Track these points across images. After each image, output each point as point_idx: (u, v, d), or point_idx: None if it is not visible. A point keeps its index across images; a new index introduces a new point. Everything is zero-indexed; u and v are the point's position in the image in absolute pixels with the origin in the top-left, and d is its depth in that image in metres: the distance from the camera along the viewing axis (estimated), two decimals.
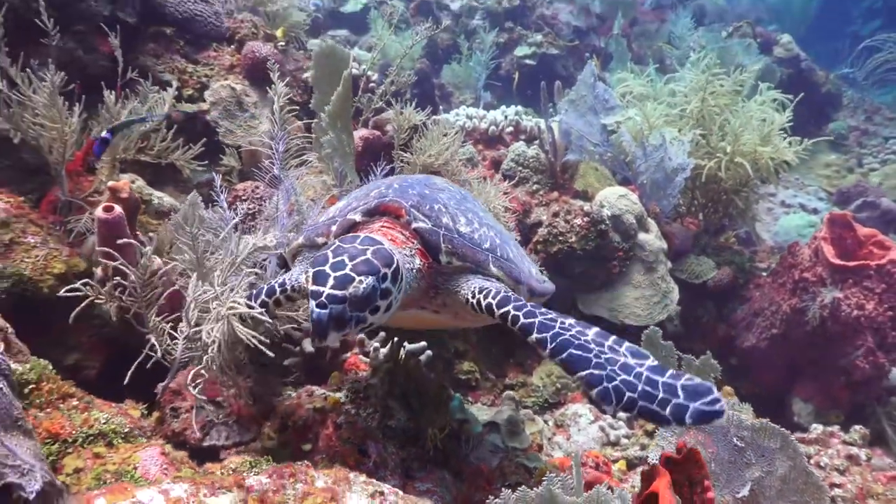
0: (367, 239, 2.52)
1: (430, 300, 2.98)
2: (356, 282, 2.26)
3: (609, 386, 2.17)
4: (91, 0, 5.00)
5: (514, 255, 3.19)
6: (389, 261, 2.43)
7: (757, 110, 7.14)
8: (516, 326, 2.52)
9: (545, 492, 1.86)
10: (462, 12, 13.72)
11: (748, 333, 6.95)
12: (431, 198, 3.03)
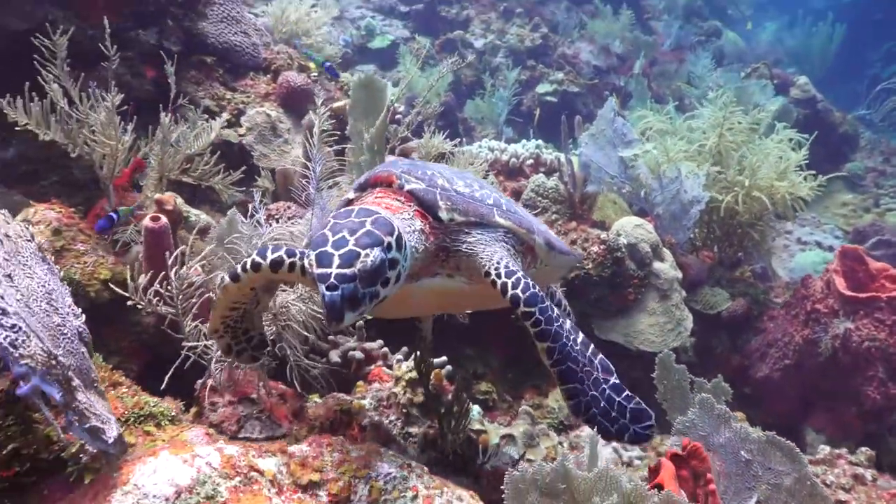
0: (362, 210, 2.40)
1: (441, 264, 2.87)
2: (363, 256, 2.14)
3: (582, 400, 2.47)
4: (140, 29, 5.34)
5: (524, 213, 3.18)
6: (391, 228, 2.33)
7: (774, 148, 7.35)
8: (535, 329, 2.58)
9: (559, 467, 2.04)
10: (486, 50, 14.12)
11: (761, 364, 7.06)
12: (423, 167, 2.99)
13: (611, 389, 2.55)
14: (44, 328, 2.03)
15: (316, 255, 2.17)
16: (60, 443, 2.64)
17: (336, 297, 2.07)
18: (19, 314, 1.96)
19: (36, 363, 1.96)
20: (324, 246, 2.19)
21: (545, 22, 15.50)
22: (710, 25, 17.53)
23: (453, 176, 2.99)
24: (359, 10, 15.01)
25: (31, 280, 2.07)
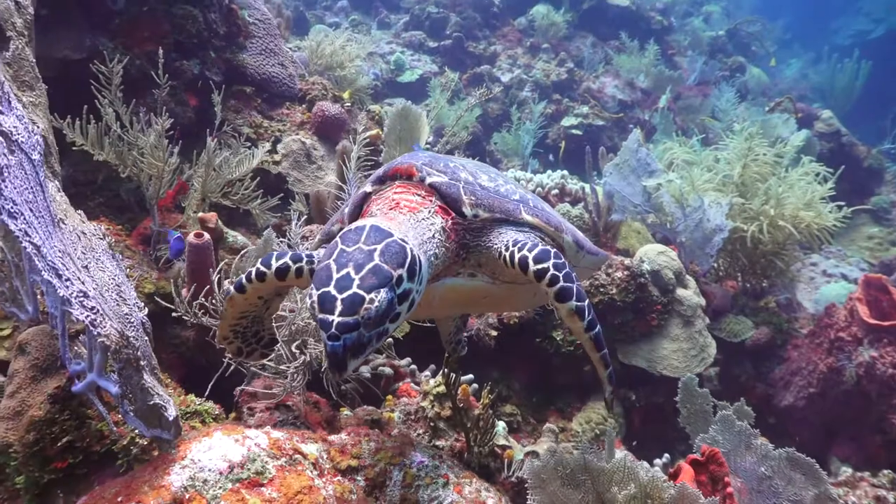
0: (373, 232, 2.15)
1: (462, 263, 2.71)
2: (367, 301, 1.95)
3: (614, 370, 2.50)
4: (184, 60, 5.62)
5: (551, 211, 2.97)
6: (402, 258, 2.10)
7: (798, 180, 7.46)
8: (553, 288, 2.36)
9: (580, 458, 2.17)
10: (512, 84, 14.41)
11: (786, 392, 7.09)
12: (445, 159, 2.81)
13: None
14: (115, 315, 2.23)
15: (319, 295, 1.96)
16: (112, 436, 2.82)
17: (338, 347, 1.91)
18: (97, 299, 2.15)
19: (111, 342, 2.16)
20: (327, 285, 1.98)
21: (571, 57, 15.79)
22: (735, 61, 17.71)
23: (477, 170, 2.84)
24: (389, 46, 15.40)
25: (104, 273, 2.27)
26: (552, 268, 2.38)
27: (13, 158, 2.21)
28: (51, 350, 2.88)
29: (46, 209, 2.20)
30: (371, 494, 1.99)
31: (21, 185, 2.16)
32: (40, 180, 2.23)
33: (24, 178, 2.19)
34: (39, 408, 2.76)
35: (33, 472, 2.75)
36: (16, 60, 2.49)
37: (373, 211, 2.60)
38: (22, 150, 2.26)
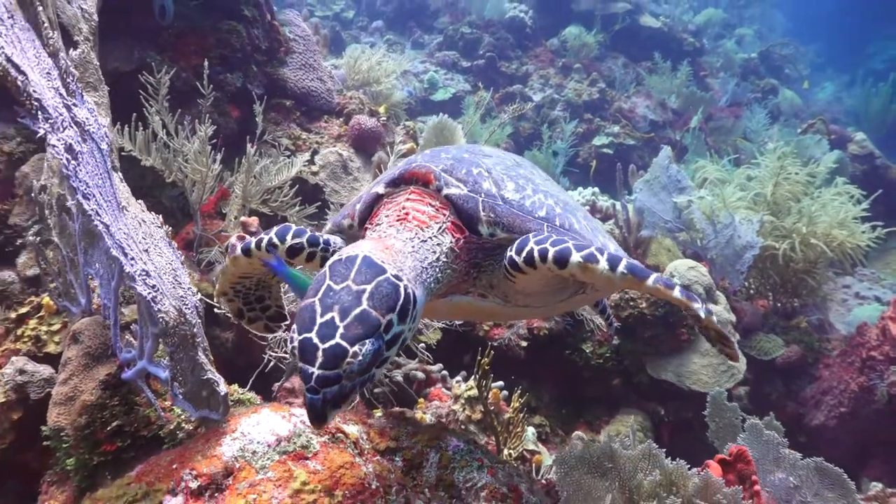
0: (363, 267, 1.97)
1: (472, 282, 2.50)
2: (350, 355, 1.80)
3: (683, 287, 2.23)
4: (227, 73, 5.82)
5: (580, 226, 2.65)
6: (393, 300, 1.93)
7: (831, 199, 7.47)
8: (547, 260, 2.17)
9: (606, 447, 2.25)
10: (544, 103, 14.55)
11: (817, 412, 7.05)
12: (470, 161, 2.56)
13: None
14: (172, 295, 2.37)
15: (300, 341, 1.82)
16: (159, 422, 2.95)
17: (317, 400, 1.78)
18: (157, 279, 2.29)
19: (170, 318, 2.29)
20: (309, 329, 1.83)
21: (602, 77, 15.90)
22: (767, 83, 17.70)
23: (504, 175, 2.57)
24: (423, 65, 15.64)
25: (161, 258, 2.41)
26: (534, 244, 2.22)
27: (85, 146, 2.36)
28: (102, 339, 3.03)
29: (113, 195, 2.35)
30: (408, 474, 2.09)
31: (92, 171, 2.32)
32: (108, 168, 2.39)
33: (94, 164, 2.34)
34: (91, 393, 2.90)
35: (83, 454, 2.88)
36: (82, 63, 2.66)
37: (380, 218, 2.42)
38: (93, 139, 2.42)
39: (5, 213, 5.17)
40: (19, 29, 2.40)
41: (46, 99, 2.31)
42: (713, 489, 2.13)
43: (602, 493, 2.20)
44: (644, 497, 2.09)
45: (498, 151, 2.96)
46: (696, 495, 2.10)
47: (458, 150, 2.73)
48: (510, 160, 2.84)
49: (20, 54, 2.27)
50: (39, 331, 4.04)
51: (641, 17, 17.42)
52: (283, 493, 1.87)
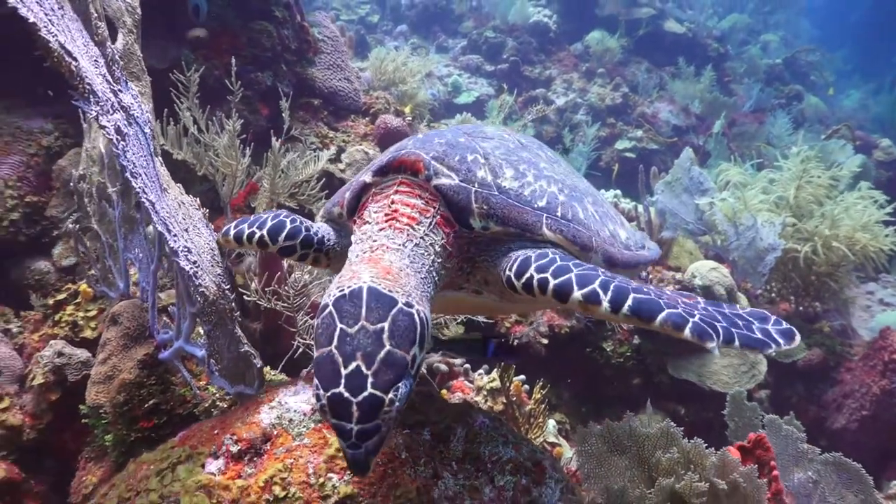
0: (372, 302, 1.82)
1: (466, 278, 2.37)
2: (387, 403, 1.68)
3: (697, 321, 1.83)
4: (258, 72, 5.96)
5: (586, 214, 2.50)
6: (413, 332, 1.80)
7: (854, 203, 7.46)
8: (547, 292, 2.00)
9: (625, 425, 2.32)
10: (567, 107, 14.61)
11: (838, 415, 7.04)
12: (465, 146, 2.38)
13: (709, 304, 2.02)
14: (211, 273, 2.48)
15: (328, 398, 1.68)
16: (195, 400, 3.06)
17: (360, 455, 1.67)
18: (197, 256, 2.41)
19: (210, 293, 2.41)
20: (335, 384, 1.69)
21: (626, 82, 15.93)
22: (791, 89, 17.61)
23: (504, 161, 2.41)
24: (447, 69, 15.76)
25: (200, 238, 2.53)
26: (535, 272, 2.07)
27: (131, 129, 2.49)
28: (140, 321, 3.16)
29: (156, 176, 2.47)
30: (436, 448, 2.17)
31: (137, 152, 2.44)
32: (151, 151, 2.52)
33: (139, 146, 2.47)
34: (129, 372, 3.03)
35: (121, 430, 3.01)
36: (126, 54, 2.79)
37: (369, 215, 2.25)
38: (137, 123, 2.54)
39: (42, 205, 5.34)
40: (69, 19, 2.52)
41: (96, 84, 2.43)
42: (730, 467, 2.20)
43: (622, 470, 2.27)
44: (662, 473, 2.16)
45: (502, 132, 2.76)
46: (713, 473, 2.17)
47: (456, 132, 2.55)
48: (513, 142, 2.66)
49: (71, 42, 2.39)
50: (76, 316, 4.19)
51: (665, 23, 17.42)
52: (318, 458, 1.96)
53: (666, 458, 2.18)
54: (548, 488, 2.20)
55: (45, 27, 2.33)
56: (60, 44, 2.29)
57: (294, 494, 1.88)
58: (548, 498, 2.18)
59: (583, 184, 2.81)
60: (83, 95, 2.34)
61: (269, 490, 1.88)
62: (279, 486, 1.88)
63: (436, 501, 2.03)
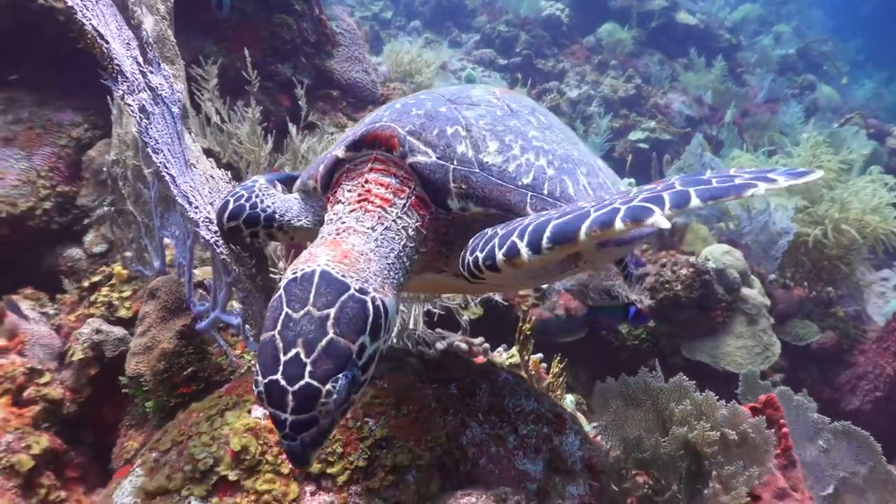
0: (323, 285, 1.73)
1: (444, 261, 2.23)
2: (324, 395, 1.61)
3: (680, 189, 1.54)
4: (278, 64, 6.13)
5: (577, 189, 2.26)
6: (362, 320, 1.71)
7: (864, 186, 7.55)
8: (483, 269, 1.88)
9: (640, 380, 2.46)
10: (580, 99, 14.72)
11: (852, 397, 7.13)
12: (446, 117, 2.19)
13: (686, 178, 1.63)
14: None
15: (265, 385, 1.62)
16: (230, 367, 3.23)
17: (296, 447, 1.63)
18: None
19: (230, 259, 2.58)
20: (273, 371, 1.63)
21: (639, 73, 16.02)
22: (805, 79, 17.65)
23: (489, 132, 2.20)
24: (460, 62, 15.91)
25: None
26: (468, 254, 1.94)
27: (157, 109, 2.65)
28: (177, 295, 3.33)
29: (181, 153, 2.63)
30: (463, 400, 2.31)
31: (162, 130, 2.60)
32: (178, 129, 2.67)
33: (164, 125, 2.63)
34: (169, 342, 3.20)
35: (162, 396, 3.18)
36: (160, 39, 2.95)
37: (342, 194, 2.14)
38: (164, 103, 2.70)
39: (73, 194, 5.52)
40: (103, 5, 2.69)
41: (125, 65, 2.60)
42: (740, 419, 2.33)
43: (637, 421, 2.41)
44: (675, 423, 2.29)
45: (490, 95, 2.49)
46: (723, 423, 2.31)
47: (438, 99, 2.32)
48: (502, 108, 2.40)
49: (104, 26, 2.56)
50: (111, 297, 4.36)
51: (678, 14, 17.49)
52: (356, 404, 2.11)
53: (679, 410, 2.32)
54: (568, 437, 2.34)
55: (80, 11, 2.50)
56: (94, 27, 2.45)
57: (334, 436, 2.03)
58: (568, 446, 2.32)
59: (577, 150, 2.53)
60: (112, 76, 2.51)
61: None
62: None
63: (464, 447, 2.17)
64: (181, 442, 2.09)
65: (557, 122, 2.71)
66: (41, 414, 3.73)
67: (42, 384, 3.84)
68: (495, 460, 2.19)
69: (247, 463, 1.97)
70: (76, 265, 5.29)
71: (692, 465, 2.31)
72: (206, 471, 1.97)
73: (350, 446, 2.02)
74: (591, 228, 1.58)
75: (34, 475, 3.47)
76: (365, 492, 1.95)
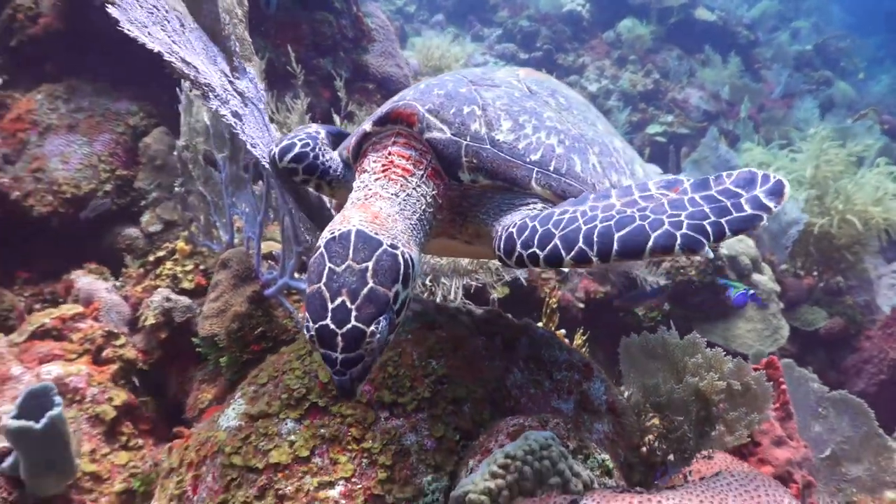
0: (359, 243, 1.97)
1: (458, 229, 2.49)
2: (369, 334, 1.86)
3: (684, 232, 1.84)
4: (320, 58, 6.56)
5: (585, 167, 2.47)
6: (395, 271, 1.96)
7: (872, 178, 7.89)
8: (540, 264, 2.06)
9: (658, 337, 2.86)
10: (599, 94, 15.07)
11: (857, 380, 7.50)
12: (464, 97, 2.42)
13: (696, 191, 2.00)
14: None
15: (317, 329, 1.87)
16: (297, 327, 3.66)
17: (346, 381, 1.89)
18: None
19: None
20: (323, 317, 1.87)
21: (657, 68, 16.33)
22: (821, 75, 17.88)
23: (504, 112, 2.43)
24: (483, 57, 16.27)
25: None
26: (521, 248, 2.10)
27: (247, 110, 3.08)
28: (247, 265, 3.77)
29: (271, 141, 3.06)
30: (506, 351, 2.73)
31: (254, 125, 3.03)
32: (265, 121, 3.10)
33: (255, 121, 3.06)
34: (241, 305, 3.64)
35: (235, 353, 3.62)
36: (240, 40, 3.37)
37: (368, 164, 2.37)
38: (252, 103, 3.13)
39: (131, 178, 5.98)
40: (189, 31, 3.11)
41: (214, 81, 3.01)
42: (744, 372, 2.72)
43: (654, 371, 2.81)
44: (688, 373, 2.69)
45: (511, 77, 2.74)
46: (729, 375, 2.70)
47: (460, 81, 2.55)
48: (521, 90, 2.65)
49: (192, 53, 2.98)
50: (175, 270, 4.82)
51: (696, 11, 17.77)
52: (420, 348, 2.53)
53: (692, 362, 2.71)
54: (595, 383, 2.76)
55: (168, 52, 2.89)
56: (181, 59, 2.87)
57: (403, 373, 2.45)
58: (595, 391, 2.74)
59: (594, 131, 2.73)
60: (204, 96, 2.93)
61: (385, 370, 2.45)
62: (392, 367, 2.46)
63: (508, 388, 2.59)
64: (276, 376, 2.52)
65: (579, 103, 2.92)
66: (118, 372, 4.18)
67: (118, 346, 4.30)
68: (534, 399, 2.60)
69: (333, 392, 2.40)
70: (134, 243, 5.77)
71: (701, 411, 2.70)
72: (299, 398, 2.40)
73: (417, 381, 2.44)
74: (652, 250, 1.85)
75: (116, 424, 3.94)
76: (429, 418, 2.37)
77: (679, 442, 2.71)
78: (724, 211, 1.86)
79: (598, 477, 2.12)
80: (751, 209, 1.84)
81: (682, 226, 1.83)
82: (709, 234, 1.81)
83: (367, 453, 2.26)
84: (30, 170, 5.60)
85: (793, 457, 2.97)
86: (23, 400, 3.01)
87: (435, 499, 2.19)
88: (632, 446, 2.73)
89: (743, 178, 1.96)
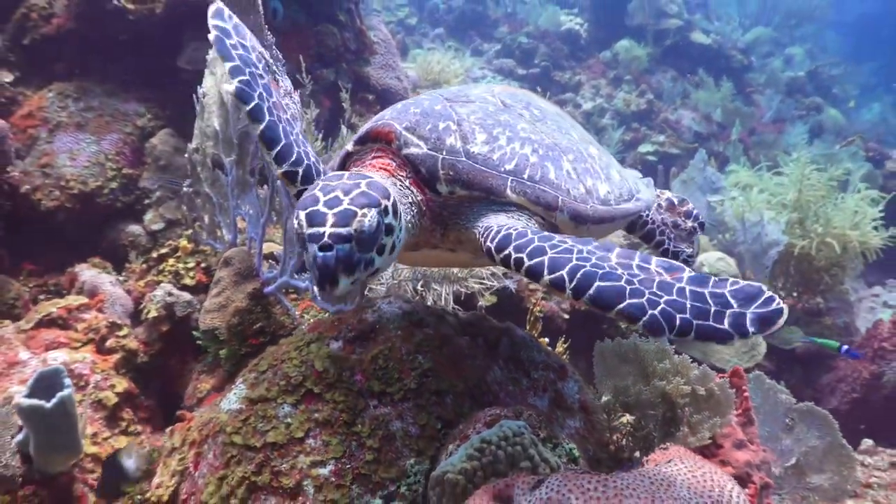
0: (353, 174, 2.19)
1: (440, 238, 2.60)
2: (359, 216, 1.93)
3: (655, 312, 1.83)
4: (324, 69, 6.80)
5: (559, 174, 2.61)
6: (386, 192, 2.11)
7: (852, 203, 8.16)
8: (521, 271, 2.12)
9: (631, 343, 3.09)
10: (594, 112, 15.37)
11: (831, 397, 7.72)
12: (439, 114, 2.56)
13: (691, 284, 1.94)
14: None
15: (306, 214, 1.93)
16: (294, 324, 3.88)
17: (330, 258, 1.88)
18: None
19: None
20: (314, 205, 1.96)
21: (651, 89, 16.64)
22: (812, 102, 18.17)
23: (478, 126, 2.56)
24: (481, 71, 16.57)
25: None
26: (514, 251, 2.16)
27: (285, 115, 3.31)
28: (249, 263, 3.98)
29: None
30: (488, 351, 2.95)
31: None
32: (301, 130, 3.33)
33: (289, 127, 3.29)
34: (241, 301, 3.85)
35: (234, 346, 3.83)
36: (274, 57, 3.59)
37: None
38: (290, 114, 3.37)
39: (136, 177, 6.19)
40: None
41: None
42: (708, 378, 2.96)
43: (626, 374, 3.05)
44: (656, 377, 2.92)
45: (486, 93, 2.88)
46: (695, 381, 2.94)
47: (435, 99, 2.70)
48: (495, 103, 2.79)
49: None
50: (177, 267, 5.03)
51: (692, 34, 18.09)
52: (408, 344, 2.75)
53: (660, 367, 2.94)
54: (569, 383, 2.99)
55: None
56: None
57: (392, 366, 2.67)
58: (569, 390, 2.97)
59: (567, 139, 2.86)
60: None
61: (376, 362, 2.67)
62: (382, 360, 2.68)
63: (488, 384, 2.81)
64: (276, 365, 2.74)
65: (553, 114, 3.08)
66: (121, 362, 4.37)
67: (121, 336, 4.50)
68: (512, 395, 2.83)
69: (327, 381, 2.61)
70: (136, 240, 5.97)
71: (667, 412, 2.93)
72: (296, 385, 2.62)
73: (404, 373, 2.66)
74: (619, 312, 1.88)
75: (117, 410, 4.13)
76: (414, 407, 2.59)
77: (645, 440, 2.95)
78: (702, 314, 1.83)
79: (566, 464, 2.33)
80: (727, 326, 1.80)
81: (657, 307, 1.84)
82: (675, 326, 1.81)
83: (357, 437, 2.48)
84: (38, 165, 5.79)
85: (752, 459, 3.18)
86: (34, 381, 3.20)
87: (416, 480, 2.41)
88: (601, 443, 2.96)
89: (744, 292, 1.88)
